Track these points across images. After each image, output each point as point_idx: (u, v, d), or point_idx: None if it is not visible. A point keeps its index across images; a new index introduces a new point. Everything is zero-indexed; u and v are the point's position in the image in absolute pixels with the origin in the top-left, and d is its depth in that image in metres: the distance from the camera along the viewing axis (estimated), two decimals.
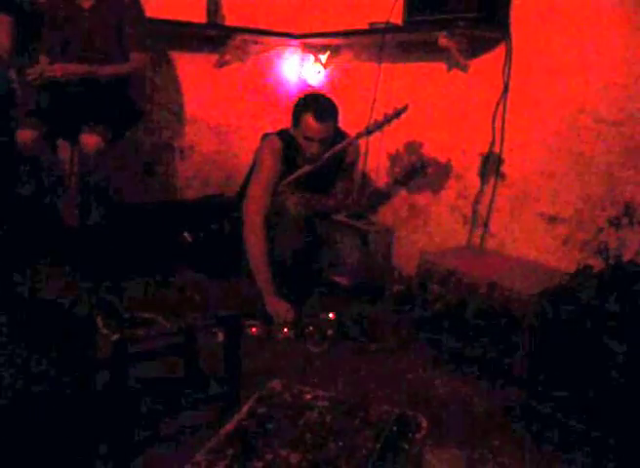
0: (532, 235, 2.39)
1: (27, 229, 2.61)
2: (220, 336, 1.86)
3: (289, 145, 2.44)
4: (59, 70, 2.45)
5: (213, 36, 3.30)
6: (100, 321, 1.72)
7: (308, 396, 1.25)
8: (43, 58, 2.62)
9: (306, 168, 2.45)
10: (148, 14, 2.74)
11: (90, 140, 2.44)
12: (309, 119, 2.32)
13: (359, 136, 2.50)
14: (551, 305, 1.78)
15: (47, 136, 2.52)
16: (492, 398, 1.86)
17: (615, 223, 2.10)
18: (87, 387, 1.59)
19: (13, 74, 2.61)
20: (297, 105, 2.42)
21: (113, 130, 2.56)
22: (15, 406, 1.49)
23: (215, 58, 3.39)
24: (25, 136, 2.42)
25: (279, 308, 2.28)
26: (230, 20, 3.31)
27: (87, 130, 2.47)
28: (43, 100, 2.55)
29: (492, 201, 2.54)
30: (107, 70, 2.58)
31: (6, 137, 2.44)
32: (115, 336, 1.54)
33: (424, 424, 1.19)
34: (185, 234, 2.58)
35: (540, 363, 1.77)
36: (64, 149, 2.70)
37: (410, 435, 1.15)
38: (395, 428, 1.16)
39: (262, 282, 2.31)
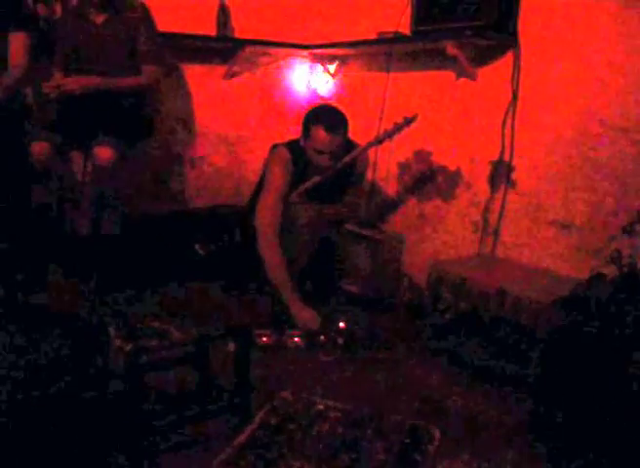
0: (543, 243, 2.38)
1: (41, 239, 2.64)
2: (232, 347, 1.86)
3: (298, 156, 2.45)
4: (74, 84, 2.48)
5: (222, 48, 3.33)
6: (112, 331, 1.73)
7: (320, 406, 1.25)
8: (57, 73, 2.66)
9: (317, 178, 2.46)
10: (159, 27, 2.77)
11: (103, 153, 2.47)
12: (320, 131, 2.33)
13: (370, 145, 2.51)
14: (564, 313, 1.78)
15: (60, 149, 2.55)
16: (505, 409, 1.84)
17: (627, 230, 2.08)
18: (101, 397, 1.60)
19: (28, 89, 2.65)
20: (307, 117, 2.43)
21: (126, 142, 2.59)
22: (30, 416, 1.51)
23: (224, 69, 3.42)
24: (39, 148, 2.45)
25: (306, 316, 2.27)
26: (240, 32, 3.33)
27: (100, 142, 2.50)
28: (57, 114, 2.59)
29: (502, 209, 2.53)
30: (121, 83, 2.62)
31: (20, 150, 2.47)
32: (128, 347, 1.55)
33: (437, 435, 1.19)
34: (197, 246, 2.60)
35: (554, 372, 1.76)
36: (77, 161, 2.73)
37: (423, 446, 1.15)
38: (408, 439, 1.16)
39: (285, 292, 2.31)
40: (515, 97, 2.45)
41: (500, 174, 2.54)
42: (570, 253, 2.28)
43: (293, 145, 2.49)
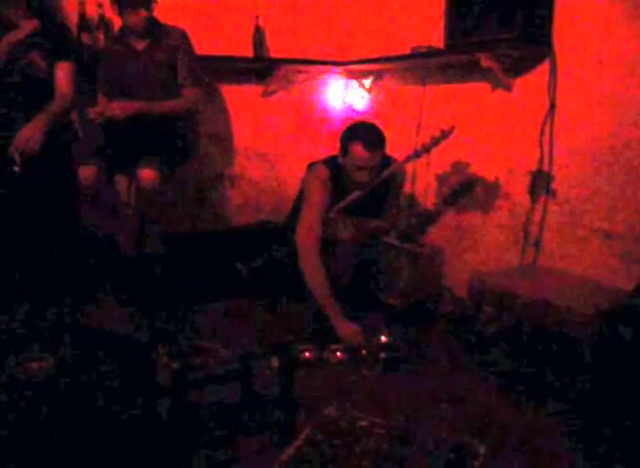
0: (586, 252, 2.34)
1: (89, 260, 2.73)
2: (275, 363, 1.89)
3: (336, 173, 2.48)
4: (117, 109, 2.57)
5: (259, 68, 3.41)
6: (160, 349, 1.79)
7: (364, 423, 1.27)
8: (101, 99, 2.77)
9: (356, 194, 2.48)
10: (198, 50, 2.86)
11: (146, 175, 2.55)
12: (358, 148, 2.35)
13: (408, 159, 2.52)
14: (610, 324, 1.75)
15: (106, 171, 2.64)
16: (552, 424, 1.81)
17: None
18: (150, 413, 1.64)
19: (74, 116, 2.76)
20: (344, 134, 2.45)
21: (168, 163, 2.67)
22: (80, 431, 1.56)
23: (261, 88, 3.50)
24: (87, 172, 2.54)
25: (349, 331, 2.28)
26: (275, 51, 3.41)
27: (143, 164, 2.58)
28: (102, 139, 2.69)
29: (543, 219, 2.50)
30: (163, 107, 2.71)
31: (69, 175, 2.57)
32: (175, 365, 1.60)
33: (482, 451, 1.18)
34: (239, 265, 2.65)
35: (601, 386, 1.72)
36: (122, 182, 2.81)
37: (468, 462, 1.15)
38: (453, 455, 1.16)
39: (328, 308, 2.32)
40: (553, 106, 2.42)
41: (540, 183, 2.51)
42: (614, 263, 2.23)
43: (330, 162, 2.52)
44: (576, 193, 2.38)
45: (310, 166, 2.59)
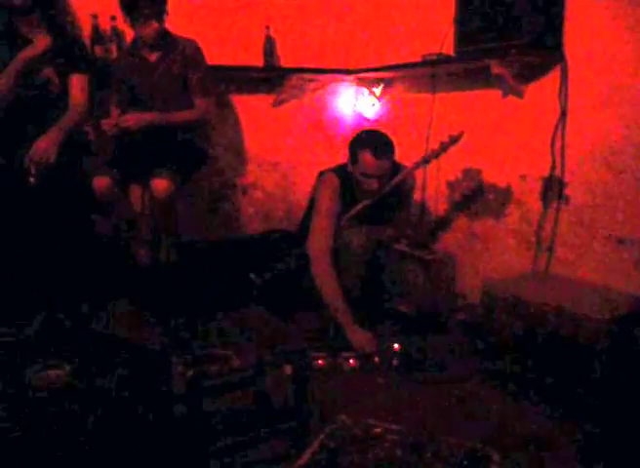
0: (599, 258, 2.33)
1: (103, 270, 2.76)
2: (288, 370, 1.90)
3: (346, 181, 2.49)
4: (131, 120, 2.60)
5: (270, 77, 3.44)
6: (175, 358, 1.81)
7: (378, 430, 1.27)
8: (115, 111, 2.81)
9: (366, 202, 2.49)
10: (209, 61, 2.88)
11: (160, 185, 2.57)
12: (368, 157, 2.36)
13: (417, 166, 2.53)
14: (626, 331, 1.74)
15: (120, 182, 2.67)
16: (566, 431, 1.79)
17: None
18: (164, 421, 1.66)
19: (88, 127, 2.80)
20: (353, 143, 2.47)
21: (181, 173, 2.69)
22: (96, 439, 1.58)
23: (272, 97, 3.52)
24: (101, 183, 2.56)
25: (362, 338, 2.28)
26: (286, 60, 3.43)
27: (157, 174, 2.60)
28: (116, 149, 2.72)
29: (555, 225, 2.50)
30: (175, 118, 2.74)
31: (82, 185, 2.60)
32: (190, 373, 1.62)
33: (496, 458, 1.18)
34: (252, 275, 2.66)
35: (615, 393, 1.71)
36: (136, 192, 2.84)
37: None
38: (466, 462, 1.16)
39: (341, 316, 2.33)
40: (564, 112, 2.42)
41: (552, 189, 2.50)
42: (627, 269, 2.22)
43: (340, 171, 2.53)
44: (588, 199, 2.38)
45: (320, 174, 2.61)
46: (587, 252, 2.38)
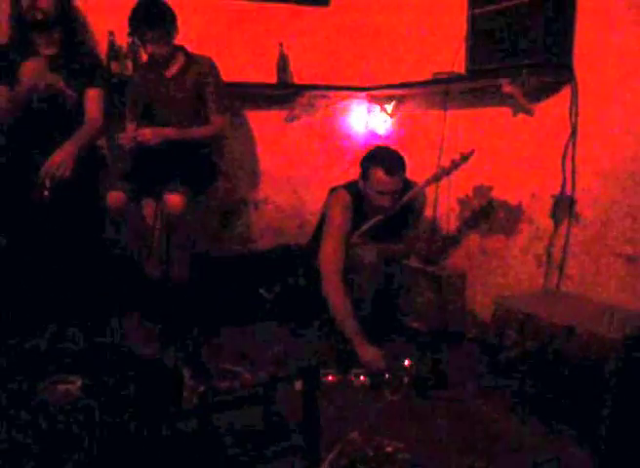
0: (610, 276, 2.33)
1: (115, 283, 2.77)
2: (299, 387, 1.91)
3: (357, 198, 2.51)
4: (149, 134, 2.64)
5: (283, 94, 3.47)
6: (186, 373, 1.82)
7: (389, 448, 1.27)
8: (130, 125, 2.84)
9: (377, 218, 2.51)
10: (224, 77, 2.91)
11: (174, 200, 2.59)
12: (379, 173, 2.38)
13: (427, 183, 2.55)
14: (637, 350, 1.73)
15: (133, 196, 2.69)
16: (575, 451, 1.79)
17: None
18: (174, 435, 1.67)
19: (102, 141, 2.84)
20: (365, 160, 2.49)
21: (195, 188, 2.71)
22: (109, 453, 1.59)
23: (285, 113, 3.56)
24: (115, 197, 2.59)
25: (372, 355, 2.28)
26: (298, 77, 3.48)
27: (171, 189, 2.61)
28: (131, 164, 2.76)
29: (566, 242, 2.49)
30: (192, 134, 2.78)
31: (96, 199, 2.63)
32: (201, 388, 1.63)
33: None
34: (262, 290, 2.68)
35: (627, 412, 1.70)
36: (149, 206, 2.87)
37: None
38: None
39: (352, 334, 2.33)
40: (574, 130, 2.43)
41: (563, 207, 2.51)
42: (638, 287, 2.21)
43: (351, 187, 2.55)
44: (598, 217, 2.37)
45: (332, 190, 2.63)
46: (598, 270, 2.38)
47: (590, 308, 2.25)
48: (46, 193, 2.43)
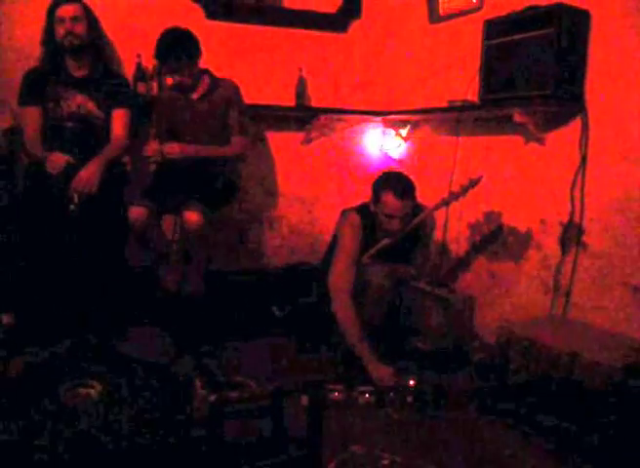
0: (616, 305, 2.36)
1: (133, 295, 2.85)
2: (305, 401, 1.96)
3: (368, 220, 2.58)
4: (177, 149, 2.76)
5: (300, 116, 3.58)
6: (198, 383, 1.89)
7: (386, 461, 1.32)
8: (152, 141, 2.92)
9: (386, 241, 2.58)
10: (246, 99, 3.02)
11: (192, 217, 2.66)
12: (390, 197, 2.46)
13: (437, 207, 2.62)
14: (637, 379, 1.76)
15: (154, 211, 2.77)
16: None
17: None
18: (184, 443, 1.73)
19: (126, 158, 2.95)
20: (376, 183, 2.57)
21: (212, 206, 2.79)
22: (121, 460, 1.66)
23: (302, 135, 3.66)
24: (137, 213, 2.68)
25: (382, 373, 2.32)
26: (316, 101, 3.58)
27: (189, 207, 2.69)
28: (153, 181, 2.86)
29: (574, 270, 2.53)
30: (215, 152, 2.89)
31: (119, 214, 2.73)
32: (212, 398, 1.69)
33: None
34: (274, 308, 2.74)
35: (628, 440, 1.73)
36: (168, 221, 2.97)
37: None
38: None
39: (362, 352, 2.37)
40: (584, 160, 2.48)
41: (571, 235, 2.55)
42: None
43: (362, 210, 2.62)
44: (606, 246, 2.41)
45: (343, 212, 2.70)
46: (604, 298, 2.41)
47: (594, 336, 2.28)
48: (73, 207, 2.54)
